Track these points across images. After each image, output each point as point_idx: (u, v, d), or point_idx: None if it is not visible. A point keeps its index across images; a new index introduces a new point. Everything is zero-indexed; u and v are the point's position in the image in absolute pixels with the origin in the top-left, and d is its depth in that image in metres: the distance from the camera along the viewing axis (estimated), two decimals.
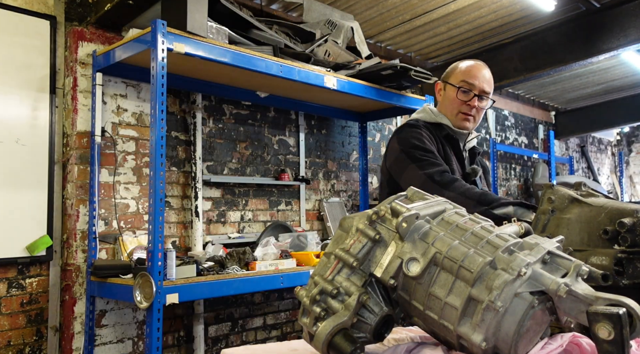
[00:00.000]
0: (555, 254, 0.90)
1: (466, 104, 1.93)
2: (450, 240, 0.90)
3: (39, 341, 2.97)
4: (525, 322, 0.84)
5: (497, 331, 0.84)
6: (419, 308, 0.90)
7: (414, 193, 1.06)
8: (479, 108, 1.97)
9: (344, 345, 0.86)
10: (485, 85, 1.96)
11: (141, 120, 3.36)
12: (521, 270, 0.82)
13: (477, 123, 2.00)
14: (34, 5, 3.03)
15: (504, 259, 0.85)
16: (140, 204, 3.32)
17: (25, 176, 2.93)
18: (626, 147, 9.65)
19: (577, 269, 0.88)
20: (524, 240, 0.92)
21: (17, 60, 2.94)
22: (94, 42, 3.19)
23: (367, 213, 0.98)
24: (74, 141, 3.07)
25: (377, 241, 0.93)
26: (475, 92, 1.94)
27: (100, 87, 3.11)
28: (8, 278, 2.87)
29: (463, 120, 1.96)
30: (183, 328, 3.49)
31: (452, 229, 0.92)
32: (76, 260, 3.03)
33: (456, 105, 1.95)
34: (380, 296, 0.93)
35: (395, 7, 4.23)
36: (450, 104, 1.97)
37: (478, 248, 0.87)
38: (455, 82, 1.96)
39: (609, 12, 4.33)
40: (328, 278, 0.92)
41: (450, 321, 0.87)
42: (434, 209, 0.97)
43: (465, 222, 0.95)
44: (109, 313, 3.14)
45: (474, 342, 0.83)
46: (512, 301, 0.83)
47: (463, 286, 0.86)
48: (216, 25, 3.01)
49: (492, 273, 0.83)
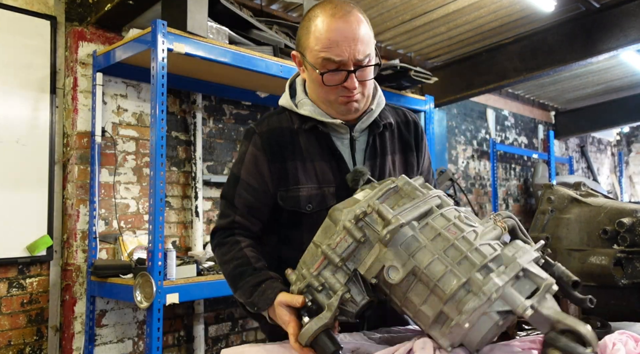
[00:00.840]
0: (529, 271, 0.95)
1: (342, 87, 1.30)
2: (430, 255, 0.97)
3: (39, 341, 2.97)
4: (488, 335, 0.95)
5: (463, 339, 0.95)
6: (397, 303, 1.02)
7: (404, 184, 1.07)
8: (364, 82, 1.33)
9: (327, 345, 1.02)
10: (359, 49, 1.27)
11: (141, 120, 3.37)
12: (492, 295, 0.90)
13: (367, 98, 1.37)
14: (34, 5, 3.03)
15: (477, 282, 0.92)
16: (141, 204, 3.32)
17: (25, 176, 2.93)
18: (626, 147, 9.66)
19: (546, 288, 0.94)
20: (503, 252, 0.97)
21: (17, 61, 2.95)
22: (94, 42, 3.19)
23: (354, 211, 1.00)
24: (74, 141, 3.07)
25: (362, 242, 1.01)
26: (349, 67, 1.27)
27: (100, 87, 3.11)
28: (8, 278, 2.88)
29: (345, 105, 1.33)
30: (183, 328, 3.49)
31: (434, 239, 0.98)
32: (76, 260, 3.03)
33: (328, 91, 1.31)
34: (362, 286, 1.05)
35: (395, 7, 4.23)
36: (321, 89, 1.33)
37: (455, 266, 0.95)
38: (315, 62, 1.29)
39: (609, 12, 4.33)
40: (314, 273, 1.02)
41: (423, 322, 0.99)
42: (420, 210, 1.01)
43: (449, 229, 0.99)
44: (109, 313, 3.14)
45: (442, 345, 0.96)
46: (479, 319, 0.92)
47: (437, 300, 0.95)
48: (216, 25, 3.01)
49: (464, 297, 0.92)
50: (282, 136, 1.38)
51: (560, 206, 1.58)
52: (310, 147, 1.37)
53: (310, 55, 1.30)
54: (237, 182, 1.40)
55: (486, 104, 6.52)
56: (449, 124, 5.94)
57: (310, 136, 1.37)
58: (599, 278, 1.40)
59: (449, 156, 5.86)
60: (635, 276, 1.38)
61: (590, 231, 1.49)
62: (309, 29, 1.30)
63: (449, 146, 5.90)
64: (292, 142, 1.37)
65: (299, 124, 1.38)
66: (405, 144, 1.47)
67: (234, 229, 1.40)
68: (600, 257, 1.40)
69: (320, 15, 1.29)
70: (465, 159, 6.16)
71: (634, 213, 1.42)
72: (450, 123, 5.97)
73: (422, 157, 1.50)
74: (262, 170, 1.37)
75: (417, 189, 1.05)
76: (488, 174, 6.43)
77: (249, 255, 1.33)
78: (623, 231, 1.40)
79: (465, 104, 6.15)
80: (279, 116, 1.43)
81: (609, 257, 1.39)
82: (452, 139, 5.99)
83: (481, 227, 1.02)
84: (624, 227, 1.40)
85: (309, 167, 1.35)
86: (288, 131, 1.38)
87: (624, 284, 1.37)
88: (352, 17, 1.28)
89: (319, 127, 1.37)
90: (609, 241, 1.44)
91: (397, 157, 1.45)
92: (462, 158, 6.12)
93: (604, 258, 1.39)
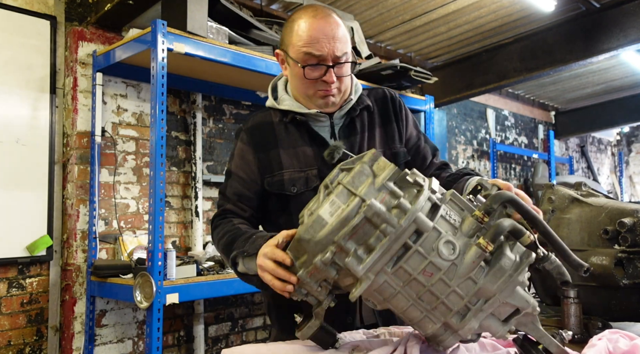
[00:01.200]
0: (510, 298, 1.00)
1: (321, 81, 1.42)
2: (405, 301, 0.99)
3: (39, 341, 2.97)
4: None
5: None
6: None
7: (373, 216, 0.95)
8: (341, 78, 1.44)
9: (325, 339, 1.14)
10: (337, 46, 1.40)
11: (141, 120, 3.36)
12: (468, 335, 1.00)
13: (343, 92, 1.48)
14: (34, 5, 3.03)
15: (454, 326, 0.99)
16: (141, 204, 3.32)
17: (25, 176, 2.93)
18: (626, 147, 9.66)
19: (531, 310, 1.02)
20: (484, 285, 0.97)
21: (17, 61, 2.94)
22: (94, 42, 3.19)
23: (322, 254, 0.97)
24: (74, 141, 3.07)
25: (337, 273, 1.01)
26: (328, 63, 1.40)
27: (100, 87, 3.11)
28: (8, 278, 2.87)
29: (323, 99, 1.45)
30: (183, 328, 3.49)
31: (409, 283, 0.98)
32: (76, 260, 3.03)
33: (308, 85, 1.43)
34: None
35: (395, 7, 4.23)
36: (301, 84, 1.44)
37: (431, 312, 0.99)
38: (297, 57, 1.41)
39: (609, 12, 4.33)
40: (306, 279, 1.03)
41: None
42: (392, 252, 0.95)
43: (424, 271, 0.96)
44: (109, 313, 3.14)
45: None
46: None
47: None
48: (216, 25, 3.01)
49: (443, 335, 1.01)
50: (265, 129, 1.52)
51: (561, 206, 1.58)
52: (291, 135, 1.49)
53: (292, 51, 1.43)
54: (230, 176, 1.53)
55: (486, 104, 6.52)
56: (449, 124, 5.94)
57: (291, 126, 1.50)
58: (599, 278, 1.39)
59: (449, 156, 5.86)
60: (636, 276, 1.38)
61: (591, 231, 1.49)
62: (292, 29, 1.43)
63: (449, 146, 5.90)
64: (274, 134, 1.50)
65: (280, 118, 1.51)
66: (384, 117, 1.57)
67: (227, 215, 1.50)
68: (601, 258, 1.40)
69: (303, 17, 1.43)
70: (465, 159, 6.16)
71: (634, 213, 1.42)
72: (450, 123, 5.97)
73: (403, 126, 1.58)
74: (248, 161, 1.49)
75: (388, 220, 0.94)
76: (488, 174, 6.43)
77: (241, 227, 1.42)
78: (624, 231, 1.40)
79: (465, 104, 6.15)
80: (263, 113, 1.56)
81: (609, 257, 1.39)
82: (452, 139, 5.99)
83: (462, 244, 0.97)
84: (625, 227, 1.40)
85: (291, 153, 1.47)
86: (271, 125, 1.52)
87: (624, 284, 1.37)
88: (331, 19, 1.42)
89: (298, 118, 1.48)
90: (610, 241, 1.44)
91: (377, 131, 1.55)
92: (462, 158, 6.12)
93: (605, 258, 1.39)
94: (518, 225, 0.97)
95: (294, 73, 1.45)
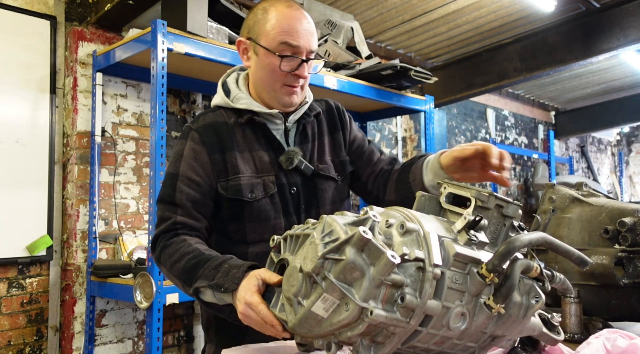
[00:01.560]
0: None
1: (292, 74, 1.36)
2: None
3: (39, 341, 2.97)
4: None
5: None
6: None
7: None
8: (306, 76, 1.40)
9: None
10: (313, 41, 1.36)
11: (141, 120, 3.36)
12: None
13: (304, 92, 1.45)
14: (34, 5, 3.03)
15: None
16: (141, 204, 3.32)
17: (25, 176, 2.93)
18: (626, 147, 9.66)
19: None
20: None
21: (17, 60, 2.94)
22: (94, 42, 3.19)
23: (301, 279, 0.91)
24: (74, 141, 3.07)
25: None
26: (303, 56, 1.35)
27: (100, 87, 3.11)
28: (8, 278, 2.87)
29: (289, 95, 1.39)
30: (183, 328, 3.49)
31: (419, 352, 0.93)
32: (76, 260, 3.03)
33: (277, 78, 1.36)
34: None
35: (395, 7, 4.23)
36: (269, 76, 1.37)
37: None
38: (271, 46, 1.33)
39: (609, 12, 4.33)
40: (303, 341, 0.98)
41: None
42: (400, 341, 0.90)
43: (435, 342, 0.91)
44: (109, 313, 3.14)
45: None
46: None
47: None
48: (216, 25, 3.01)
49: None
50: (219, 130, 1.40)
51: (561, 206, 1.58)
52: (247, 138, 1.40)
53: (265, 40, 1.35)
54: (176, 179, 1.35)
55: (486, 104, 6.52)
56: (449, 124, 5.94)
57: (246, 128, 1.41)
58: (600, 278, 1.39)
59: None
60: (636, 276, 1.38)
61: (591, 231, 1.49)
62: (266, 17, 1.35)
63: (449, 146, 5.87)
64: (229, 135, 1.39)
65: (235, 118, 1.41)
66: (331, 126, 1.54)
67: (177, 230, 1.32)
68: (602, 257, 1.40)
69: (276, 5, 1.36)
70: None
71: (635, 213, 1.42)
72: (450, 123, 5.97)
73: (348, 132, 1.55)
74: (203, 161, 1.36)
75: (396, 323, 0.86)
76: None
77: (201, 248, 1.25)
78: (624, 230, 1.40)
79: (465, 104, 6.15)
80: (213, 113, 1.45)
81: (610, 256, 1.39)
82: (452, 139, 5.98)
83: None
84: (625, 226, 1.40)
85: (247, 157, 1.38)
86: (225, 125, 1.41)
87: (625, 284, 1.37)
88: (305, 13, 1.38)
89: (255, 119, 1.40)
90: (610, 241, 1.44)
91: (325, 139, 1.51)
92: None
93: (605, 258, 1.39)
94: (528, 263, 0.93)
95: (262, 64, 1.36)
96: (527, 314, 0.95)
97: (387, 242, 0.89)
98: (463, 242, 0.92)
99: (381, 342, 0.88)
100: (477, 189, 0.99)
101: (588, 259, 0.99)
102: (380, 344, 0.88)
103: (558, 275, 1.00)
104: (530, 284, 0.96)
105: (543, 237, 0.94)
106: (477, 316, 0.90)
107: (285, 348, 1.18)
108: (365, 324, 0.84)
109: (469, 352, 0.96)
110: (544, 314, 1.08)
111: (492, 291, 0.90)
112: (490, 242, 0.97)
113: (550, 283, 0.98)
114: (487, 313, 0.90)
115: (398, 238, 0.89)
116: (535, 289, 0.96)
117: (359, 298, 0.84)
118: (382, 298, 0.85)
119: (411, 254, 0.85)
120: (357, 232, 0.84)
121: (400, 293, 0.85)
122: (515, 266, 0.90)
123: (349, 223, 0.90)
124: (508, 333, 0.96)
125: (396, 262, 0.82)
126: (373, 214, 0.89)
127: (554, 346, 1.09)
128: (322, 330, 0.89)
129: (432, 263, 0.86)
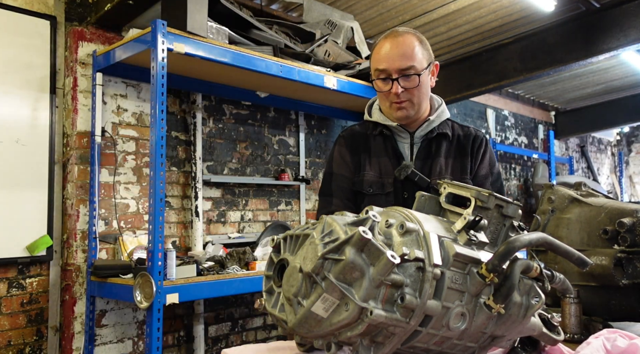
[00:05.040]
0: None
1: (392, 94, 1.64)
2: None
3: (39, 341, 2.97)
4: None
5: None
6: None
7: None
8: (410, 90, 1.63)
9: None
10: (398, 61, 1.60)
11: (141, 120, 3.36)
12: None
13: (417, 105, 1.68)
14: (34, 5, 3.03)
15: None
16: (140, 204, 3.32)
17: (25, 176, 2.93)
18: (626, 147, 9.65)
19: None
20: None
21: (17, 61, 2.94)
22: (94, 42, 3.19)
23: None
24: (74, 141, 3.07)
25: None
26: (392, 76, 1.61)
27: (100, 87, 3.11)
28: (8, 278, 2.87)
29: (396, 110, 1.67)
30: (183, 328, 3.49)
31: (419, 352, 0.93)
32: (76, 260, 3.03)
33: (382, 99, 1.69)
34: None
35: (395, 7, 4.23)
36: (380, 98, 1.72)
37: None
38: (373, 75, 1.68)
39: (609, 12, 4.33)
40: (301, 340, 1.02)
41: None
42: (400, 341, 0.91)
43: (435, 343, 0.91)
44: (109, 313, 3.14)
45: None
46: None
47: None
48: (216, 25, 3.01)
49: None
50: (359, 138, 1.78)
51: (560, 206, 1.58)
52: (378, 146, 1.74)
53: (372, 70, 1.70)
54: (332, 177, 1.75)
55: (486, 104, 6.52)
56: None
57: (379, 138, 1.74)
58: (599, 278, 1.39)
59: None
60: (635, 276, 1.38)
61: (590, 231, 1.49)
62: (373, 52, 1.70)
63: None
64: (365, 142, 1.76)
65: (371, 130, 1.77)
66: (461, 151, 1.74)
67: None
68: (601, 257, 1.40)
69: (380, 40, 1.69)
70: None
71: (634, 213, 1.42)
72: None
73: (475, 163, 1.73)
74: (347, 160, 1.75)
75: (396, 323, 0.87)
76: None
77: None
78: (623, 231, 1.40)
79: (465, 104, 6.14)
80: (360, 125, 1.83)
81: (609, 257, 1.39)
82: None
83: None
84: (625, 227, 1.40)
85: (374, 161, 1.72)
86: (364, 135, 1.78)
87: (624, 284, 1.37)
88: (400, 38, 1.64)
89: (385, 132, 1.73)
90: (610, 241, 1.44)
91: (451, 161, 1.72)
92: None
93: (605, 258, 1.39)
94: (528, 263, 0.93)
95: (376, 90, 1.70)
96: (527, 314, 0.95)
97: (386, 242, 0.89)
98: (463, 243, 0.93)
99: (381, 342, 0.88)
100: (477, 189, 0.99)
101: (588, 260, 0.99)
102: (380, 344, 0.88)
103: (558, 275, 1.00)
104: (530, 284, 0.96)
105: (543, 238, 0.94)
106: (477, 316, 0.91)
107: (285, 348, 1.18)
108: (365, 324, 0.84)
109: (469, 352, 0.96)
110: (544, 314, 1.08)
111: (492, 291, 0.90)
112: (490, 243, 0.97)
113: (550, 283, 0.98)
114: (487, 313, 0.90)
115: (398, 238, 0.89)
116: (535, 290, 0.96)
117: (359, 298, 0.84)
118: (382, 298, 0.85)
119: (411, 254, 0.85)
120: (356, 232, 0.84)
121: (400, 293, 0.85)
122: (515, 266, 0.90)
123: (349, 223, 0.90)
124: (508, 333, 0.96)
125: (396, 263, 0.83)
126: (373, 214, 0.89)
127: (554, 346, 1.09)
128: (322, 330, 0.89)
129: (432, 263, 0.86)
